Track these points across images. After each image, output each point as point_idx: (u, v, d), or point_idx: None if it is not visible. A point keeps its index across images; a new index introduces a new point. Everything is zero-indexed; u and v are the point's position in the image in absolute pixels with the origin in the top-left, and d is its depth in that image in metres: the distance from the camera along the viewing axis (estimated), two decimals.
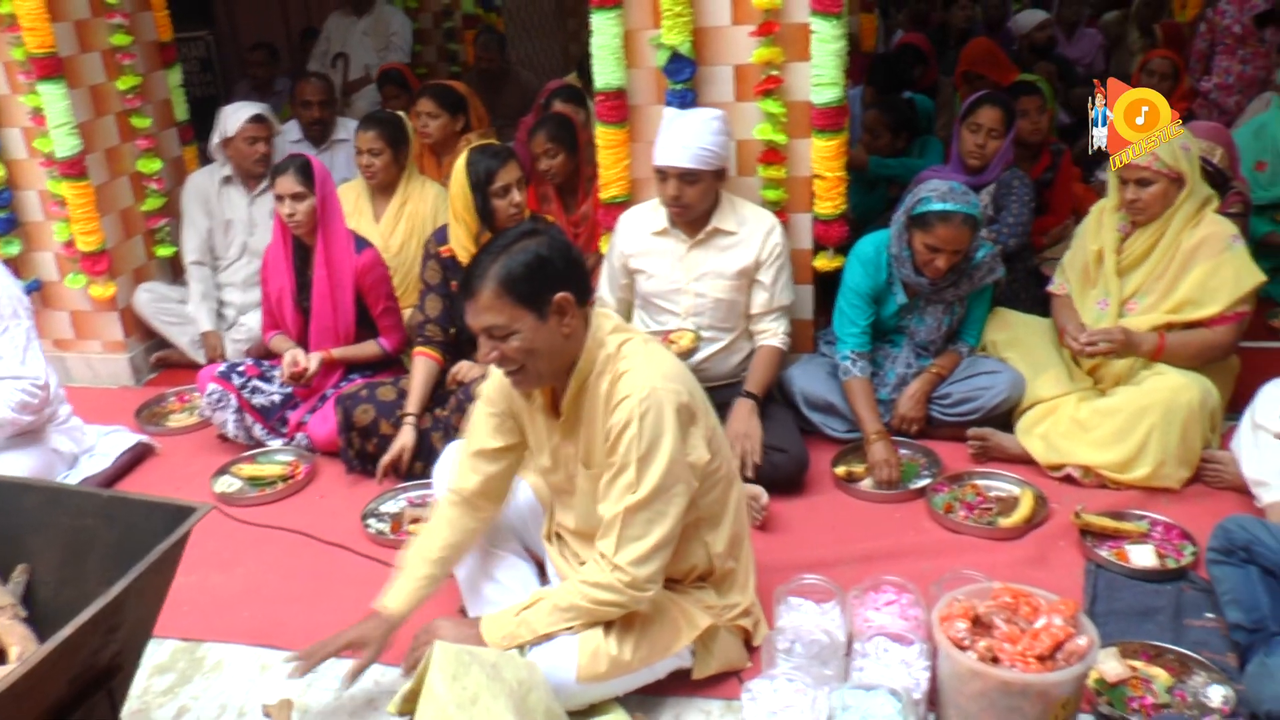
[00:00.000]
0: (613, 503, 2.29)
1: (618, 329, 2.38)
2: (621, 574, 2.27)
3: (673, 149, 3.32)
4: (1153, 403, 3.29)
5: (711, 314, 3.53)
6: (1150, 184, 3.35)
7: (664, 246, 3.55)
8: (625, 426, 2.25)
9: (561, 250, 2.28)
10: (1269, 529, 2.61)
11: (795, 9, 3.54)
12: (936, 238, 3.40)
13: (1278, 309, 4.54)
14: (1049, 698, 2.15)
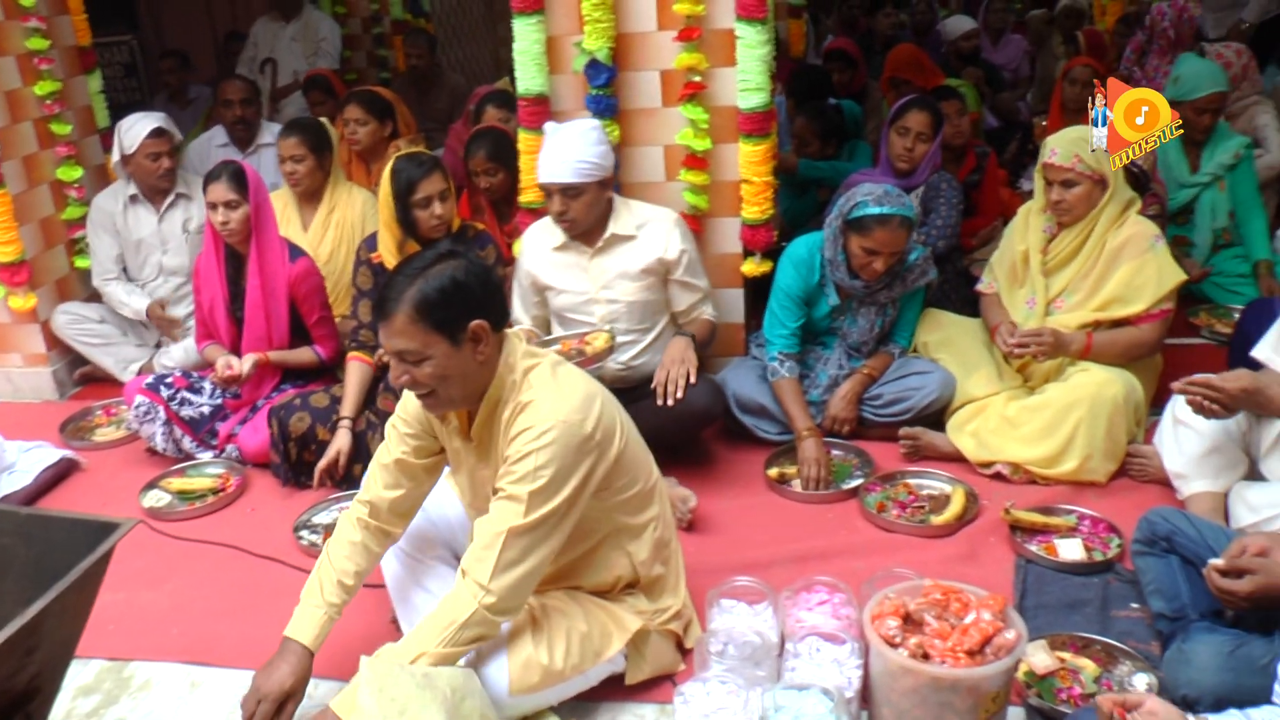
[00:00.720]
0: (495, 522, 2.25)
1: (528, 354, 2.36)
2: (489, 597, 2.22)
3: (553, 165, 3.32)
4: (1079, 399, 3.35)
5: (627, 318, 3.53)
6: (1074, 185, 3.42)
7: (567, 260, 3.54)
8: (524, 457, 2.22)
9: (479, 276, 2.25)
10: (1189, 520, 2.68)
11: (720, 15, 3.55)
12: (874, 241, 3.43)
13: (1198, 307, 4.65)
14: (979, 691, 2.18)
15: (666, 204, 3.70)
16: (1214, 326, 4.47)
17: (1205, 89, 4.59)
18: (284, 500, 3.60)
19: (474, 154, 4.37)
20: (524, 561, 2.24)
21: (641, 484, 2.49)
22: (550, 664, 2.34)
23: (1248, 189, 4.70)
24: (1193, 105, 4.58)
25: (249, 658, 2.61)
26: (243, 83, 5.32)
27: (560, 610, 2.43)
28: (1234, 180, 4.70)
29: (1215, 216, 4.76)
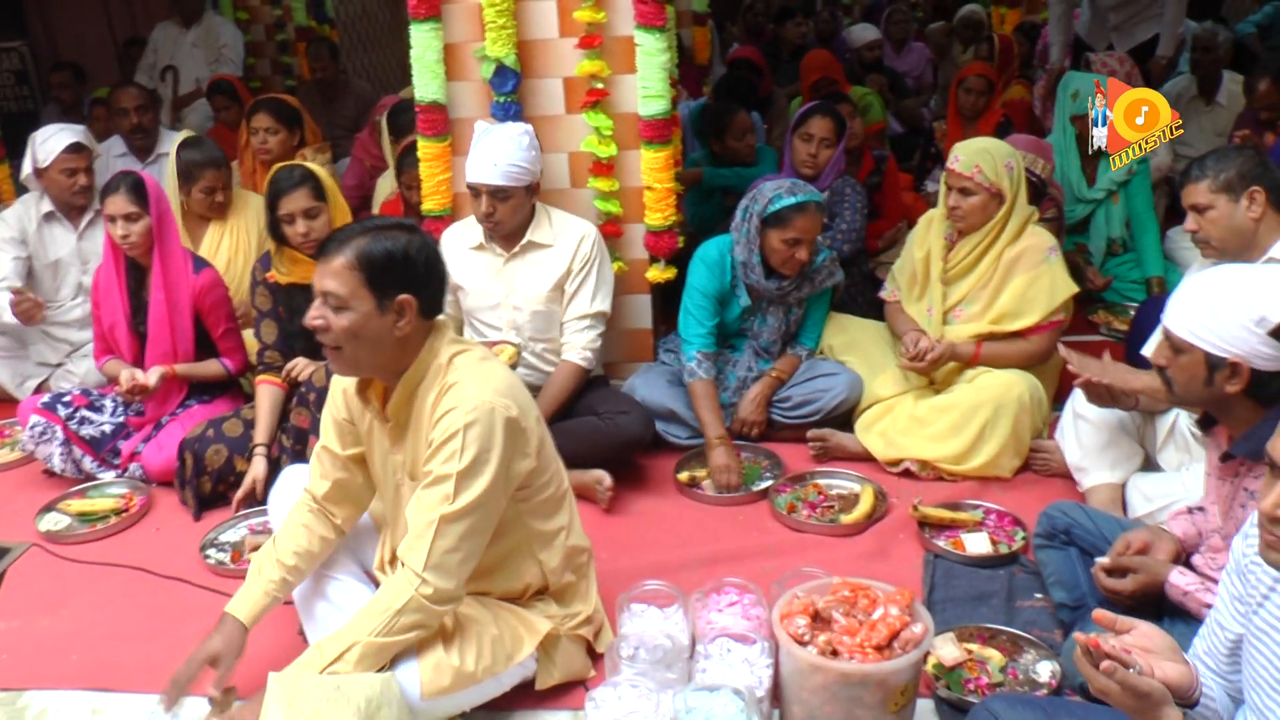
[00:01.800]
0: (425, 511, 2.24)
1: (454, 341, 2.37)
2: (426, 586, 2.22)
3: (484, 166, 3.32)
4: (985, 398, 3.44)
5: (531, 326, 3.54)
6: (972, 194, 3.51)
7: (481, 261, 3.55)
8: (449, 439, 2.22)
9: (427, 258, 2.28)
10: (1087, 513, 2.76)
11: (620, 22, 3.57)
12: (796, 230, 3.50)
13: (1096, 305, 4.79)
14: (888, 685, 2.21)
15: (573, 210, 3.70)
16: (1111, 324, 4.62)
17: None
18: (190, 519, 3.51)
19: (406, 169, 4.32)
20: (458, 549, 2.24)
21: (554, 488, 2.49)
22: (461, 666, 2.32)
23: (1142, 202, 4.84)
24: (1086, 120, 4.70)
25: (154, 682, 2.53)
26: (137, 90, 5.19)
27: (469, 614, 2.41)
28: (1128, 194, 4.85)
29: (1110, 228, 4.90)
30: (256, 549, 3.17)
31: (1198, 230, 3.00)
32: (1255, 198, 2.91)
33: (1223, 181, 2.94)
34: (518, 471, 2.33)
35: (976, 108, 5.61)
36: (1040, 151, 4.19)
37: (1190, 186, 3.01)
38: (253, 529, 3.38)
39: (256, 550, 3.14)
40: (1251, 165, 2.95)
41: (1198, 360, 2.16)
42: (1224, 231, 2.95)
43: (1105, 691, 1.67)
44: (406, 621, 2.23)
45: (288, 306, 3.54)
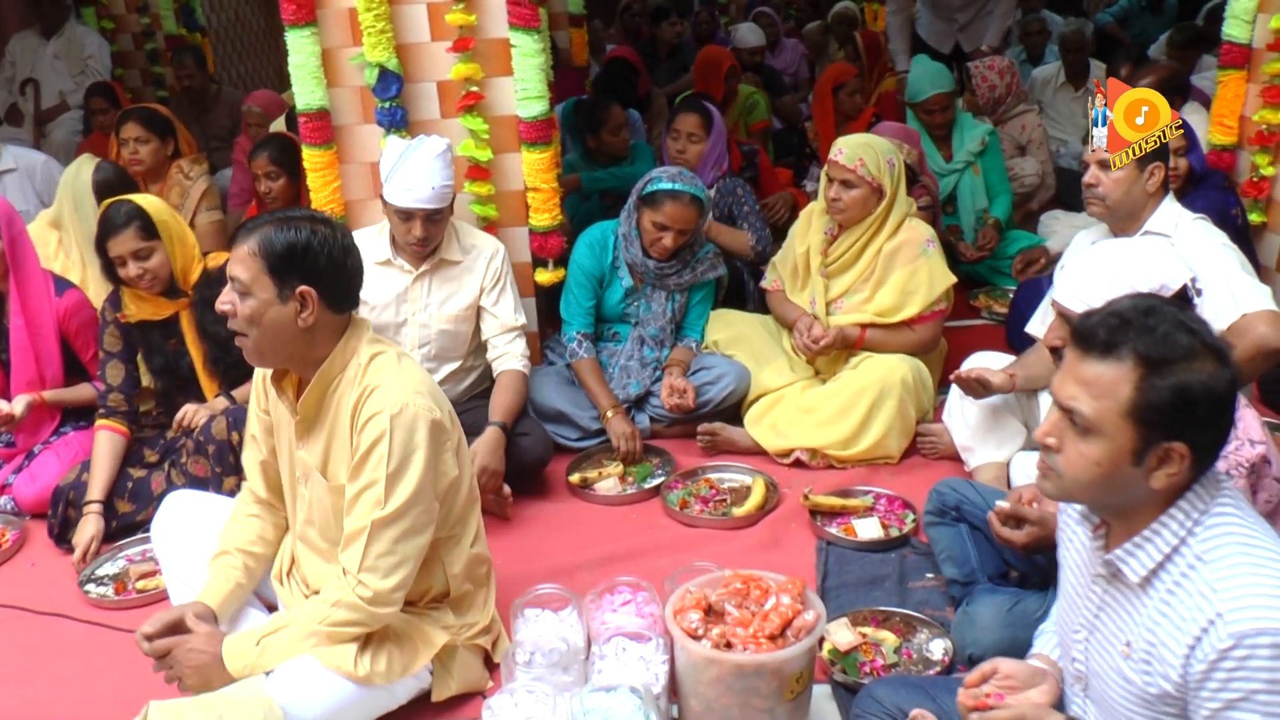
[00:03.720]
0: (359, 517, 2.25)
1: (374, 341, 2.34)
2: (364, 589, 2.24)
3: (419, 189, 3.19)
4: (870, 383, 3.49)
5: (437, 344, 3.46)
6: (853, 187, 3.56)
7: (386, 277, 3.43)
8: (376, 443, 2.22)
9: (333, 253, 2.23)
10: (976, 489, 2.81)
11: (493, 25, 3.52)
12: (664, 215, 3.53)
13: (977, 290, 4.92)
14: (783, 674, 2.21)
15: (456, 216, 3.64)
16: (992, 308, 4.74)
17: (928, 91, 4.97)
18: (67, 552, 3.35)
19: (257, 156, 4.32)
20: (393, 552, 2.24)
21: (466, 493, 2.48)
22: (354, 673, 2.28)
23: (997, 171, 5.10)
24: (923, 106, 4.99)
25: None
26: None
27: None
28: (985, 164, 5.07)
29: (975, 199, 5.08)
30: (144, 576, 3.08)
31: (1096, 185, 3.05)
32: (1155, 173, 3.01)
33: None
34: (445, 472, 2.33)
35: (855, 107, 5.74)
36: (908, 138, 4.31)
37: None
38: (130, 559, 3.26)
39: (144, 578, 3.09)
40: (1160, 145, 3.04)
41: None
42: (1122, 194, 3.02)
43: None
44: (345, 617, 2.25)
45: (145, 345, 3.40)
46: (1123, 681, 1.66)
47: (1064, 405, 1.62)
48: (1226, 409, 1.56)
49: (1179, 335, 1.54)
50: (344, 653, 2.29)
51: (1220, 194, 3.98)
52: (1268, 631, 1.45)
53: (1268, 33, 4.07)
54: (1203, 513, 1.59)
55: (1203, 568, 1.55)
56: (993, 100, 5.47)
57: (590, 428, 3.64)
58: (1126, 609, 1.66)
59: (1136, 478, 1.58)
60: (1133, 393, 1.54)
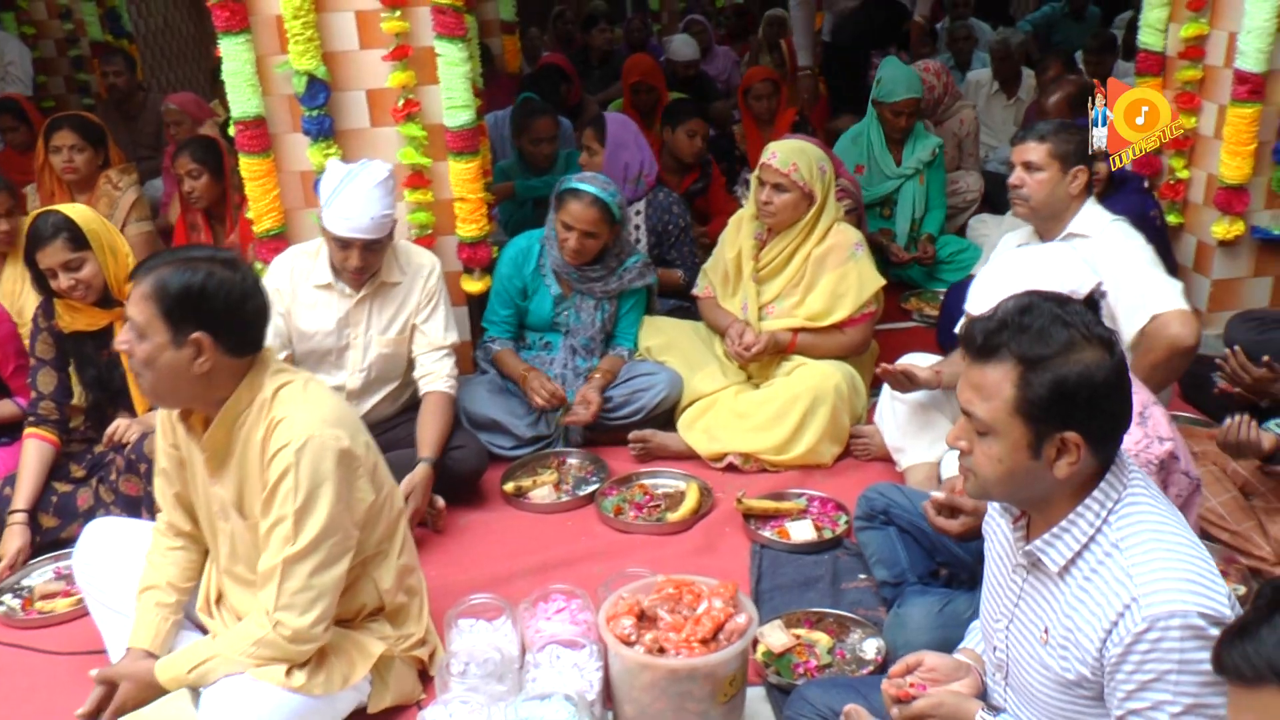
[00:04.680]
0: (272, 554, 2.22)
1: (278, 372, 2.28)
2: (283, 628, 2.21)
3: (357, 218, 3.11)
4: (803, 389, 3.53)
5: (379, 367, 3.40)
6: (785, 191, 3.59)
7: (327, 301, 3.34)
8: (282, 477, 2.18)
9: (231, 298, 2.15)
10: (903, 492, 2.86)
11: (423, 33, 3.51)
12: (569, 215, 3.55)
13: (908, 293, 4.99)
14: (716, 677, 2.23)
15: None
16: (923, 310, 4.82)
17: (901, 94, 5.02)
18: None
19: (179, 156, 4.27)
20: (309, 588, 2.21)
21: (390, 510, 2.45)
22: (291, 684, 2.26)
23: (938, 184, 5.21)
24: (891, 107, 5.04)
25: None
26: None
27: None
28: (930, 176, 5.17)
29: (915, 207, 5.17)
30: (46, 597, 3.02)
31: (1021, 186, 3.12)
32: (1079, 176, 3.08)
33: (1061, 152, 3.09)
34: (359, 500, 2.29)
35: (764, 111, 5.80)
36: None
37: (1031, 145, 3.12)
38: (59, 572, 3.17)
39: (46, 599, 3.03)
40: (1084, 148, 3.11)
41: None
42: (1046, 195, 3.09)
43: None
44: (267, 654, 2.23)
45: (77, 356, 3.32)
46: (1041, 668, 1.71)
47: (963, 409, 1.69)
48: (1111, 395, 1.61)
49: (1054, 330, 1.60)
50: (278, 668, 2.26)
51: (1139, 197, 4.09)
52: (1179, 614, 1.51)
53: (1179, 41, 4.18)
54: (1116, 501, 1.65)
55: (1118, 555, 1.60)
56: (933, 101, 5.58)
57: (524, 435, 3.64)
58: (1045, 597, 1.71)
59: (1039, 470, 1.64)
60: (1014, 391, 1.61)
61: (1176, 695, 1.52)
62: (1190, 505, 2.23)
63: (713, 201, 5.17)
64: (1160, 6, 4.29)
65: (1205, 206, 4.25)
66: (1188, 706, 1.52)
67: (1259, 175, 4.10)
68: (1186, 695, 1.52)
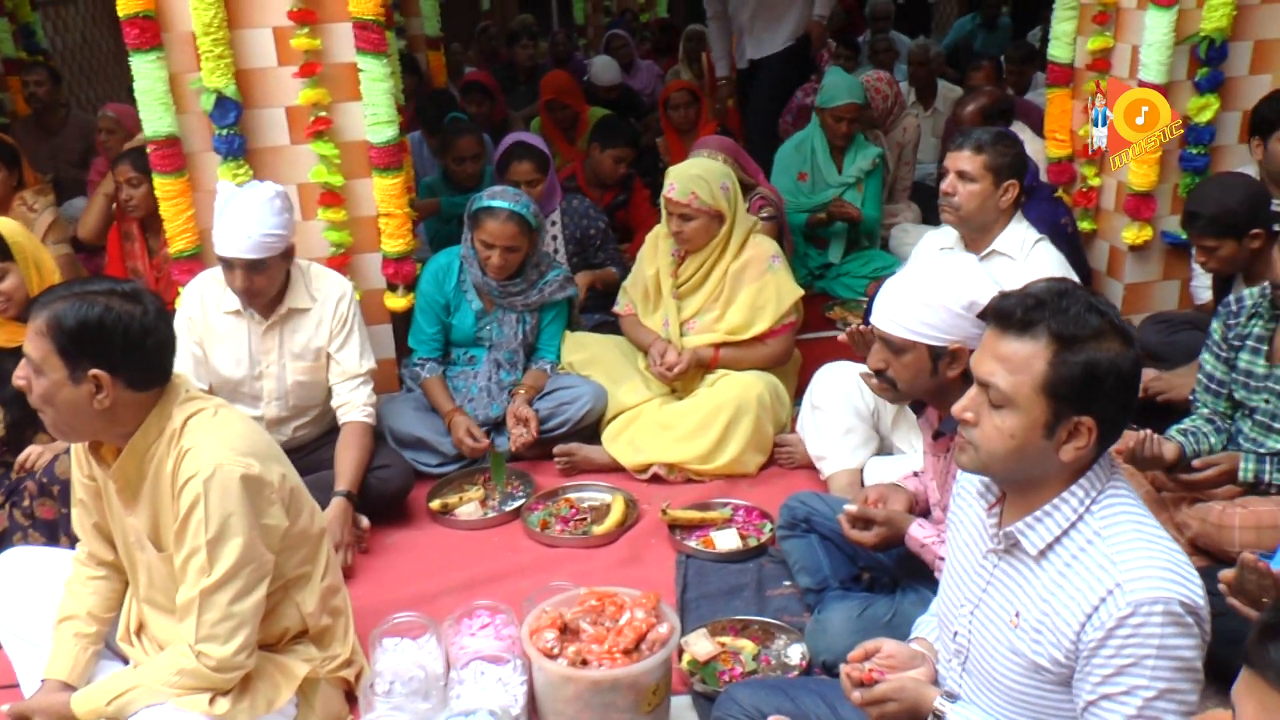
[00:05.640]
0: (189, 587, 2.18)
1: (187, 401, 2.24)
2: (207, 659, 2.17)
3: (236, 238, 3.07)
4: (726, 399, 3.56)
5: (295, 395, 3.36)
6: (692, 219, 3.64)
7: (238, 329, 3.30)
8: (192, 508, 2.14)
9: (130, 333, 2.09)
10: (824, 500, 2.90)
11: (340, 49, 3.50)
12: (486, 233, 3.56)
13: (832, 303, 5.06)
14: (639, 687, 2.25)
15: (307, 244, 3.59)
16: (847, 319, 4.86)
17: (842, 99, 5.09)
18: None
19: (120, 164, 4.20)
20: (229, 617, 2.17)
21: (312, 527, 2.43)
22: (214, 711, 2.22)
23: (875, 191, 5.28)
24: (832, 112, 5.11)
25: None
26: None
27: None
28: (869, 184, 5.24)
29: None
30: None
31: (953, 194, 3.15)
32: (1009, 191, 3.13)
33: (995, 165, 3.12)
34: (273, 526, 2.25)
35: (683, 121, 5.85)
36: (722, 148, 4.41)
37: (967, 154, 3.15)
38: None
39: None
40: (1018, 162, 3.16)
41: (921, 355, 2.30)
42: (977, 206, 3.13)
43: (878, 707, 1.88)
44: (191, 684, 2.18)
45: None
46: (1009, 652, 1.74)
47: (982, 380, 1.70)
48: (1131, 386, 1.66)
49: (1090, 316, 1.64)
50: (201, 696, 2.22)
51: (1050, 205, 4.19)
52: (1162, 600, 1.56)
53: (1086, 54, 4.31)
54: (1100, 491, 1.69)
55: (1100, 542, 1.65)
56: (885, 110, 5.67)
57: (450, 453, 3.63)
58: (1019, 581, 1.75)
59: (1047, 450, 1.67)
60: (1046, 368, 1.63)
61: (1152, 680, 1.57)
62: None
63: (634, 215, 5.20)
64: (1068, 20, 4.41)
65: (1116, 213, 4.35)
66: (1161, 691, 1.57)
67: (1166, 182, 4.21)
68: (1161, 680, 1.56)
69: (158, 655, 2.30)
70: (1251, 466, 2.78)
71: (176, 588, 2.24)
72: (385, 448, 3.48)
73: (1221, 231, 3.29)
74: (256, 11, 3.47)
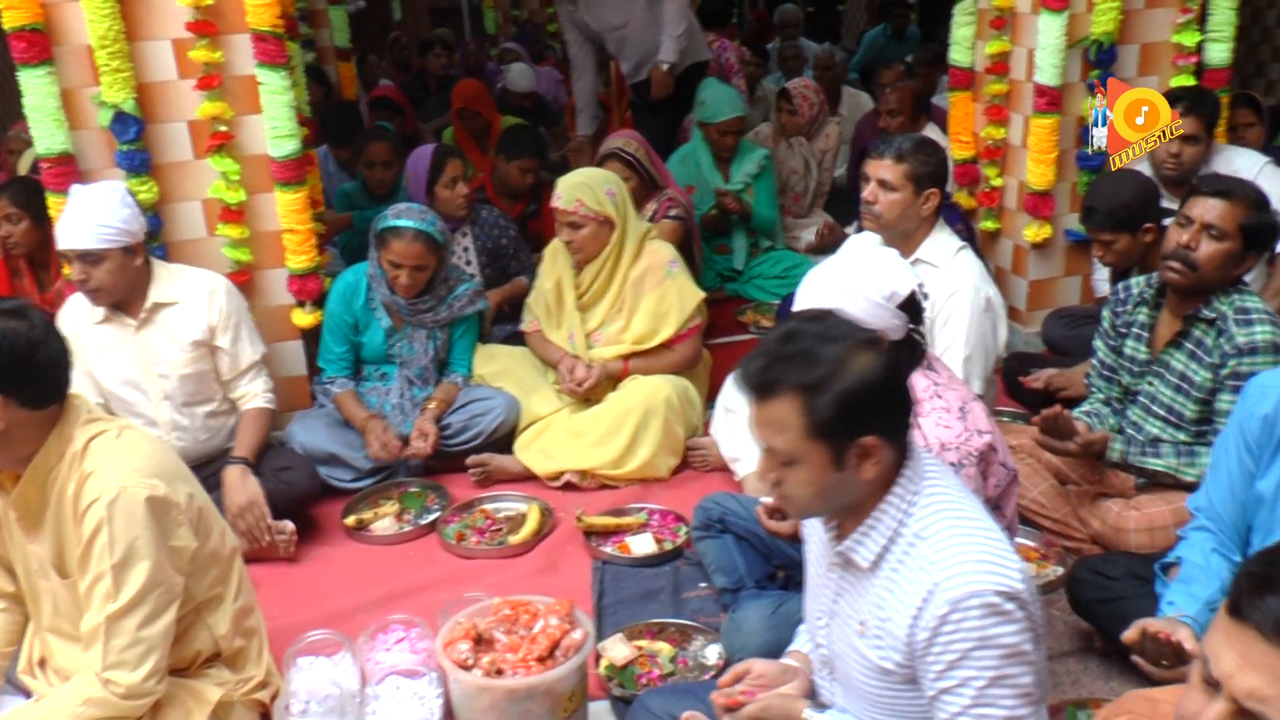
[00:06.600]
0: (94, 613, 2.12)
1: (89, 422, 2.19)
2: (115, 686, 2.11)
3: (70, 229, 3.04)
4: (635, 403, 3.59)
5: (184, 390, 3.31)
6: (581, 227, 3.66)
7: (111, 335, 3.26)
8: (96, 533, 2.09)
9: (16, 350, 2.04)
10: (738, 500, 2.93)
11: (240, 62, 3.46)
12: (393, 253, 3.52)
13: (744, 306, 5.11)
14: (555, 694, 2.26)
15: (213, 260, 3.55)
16: (759, 322, 4.92)
17: (726, 114, 5.13)
18: None
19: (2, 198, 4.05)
20: (138, 642, 2.11)
21: (223, 547, 2.38)
22: None
23: (767, 193, 5.32)
24: (717, 127, 5.14)
25: None
26: None
27: None
28: (758, 187, 5.29)
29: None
30: None
31: (874, 203, 3.15)
32: (930, 199, 3.15)
33: (916, 174, 3.13)
34: (181, 548, 2.21)
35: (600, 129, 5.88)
36: (638, 140, 4.46)
37: (887, 163, 3.13)
38: None
39: None
40: (940, 170, 3.19)
41: None
42: (898, 214, 3.14)
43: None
44: (99, 713, 2.11)
45: None
46: (860, 659, 1.78)
47: (764, 447, 1.73)
48: (891, 389, 1.68)
49: (823, 348, 1.66)
50: None
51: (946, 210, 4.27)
52: (977, 594, 1.60)
53: (985, 58, 4.42)
54: (915, 493, 1.73)
55: (921, 544, 1.68)
56: (810, 117, 5.74)
57: (363, 467, 3.59)
58: (860, 591, 1.79)
59: (848, 479, 1.69)
60: (803, 418, 1.64)
61: (980, 670, 1.61)
62: (1009, 494, 2.33)
63: (546, 225, 5.17)
64: (967, 25, 4.53)
65: (1018, 212, 4.47)
66: (991, 679, 1.61)
67: (1064, 180, 4.34)
68: (990, 669, 1.61)
69: (64, 686, 2.24)
70: (1119, 448, 2.88)
71: (82, 615, 2.20)
72: (287, 451, 3.46)
73: (1117, 225, 3.40)
74: (155, 23, 3.42)
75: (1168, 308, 2.92)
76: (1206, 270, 2.74)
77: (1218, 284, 2.78)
